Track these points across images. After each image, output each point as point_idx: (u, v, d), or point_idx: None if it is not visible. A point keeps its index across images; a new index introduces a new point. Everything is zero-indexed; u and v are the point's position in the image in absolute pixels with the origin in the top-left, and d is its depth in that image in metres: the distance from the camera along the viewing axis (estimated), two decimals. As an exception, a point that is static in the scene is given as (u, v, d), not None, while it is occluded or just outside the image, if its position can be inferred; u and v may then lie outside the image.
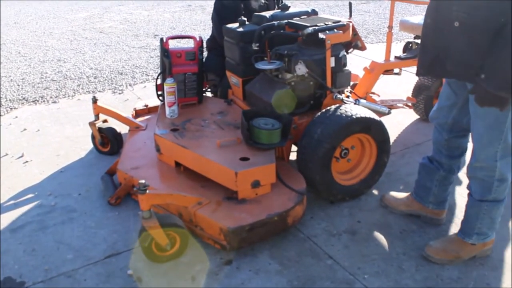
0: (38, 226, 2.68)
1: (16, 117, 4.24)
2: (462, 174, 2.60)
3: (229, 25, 3.10)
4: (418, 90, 3.82)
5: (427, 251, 2.38)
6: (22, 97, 4.71)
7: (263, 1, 3.62)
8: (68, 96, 4.77)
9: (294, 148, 2.92)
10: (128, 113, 3.63)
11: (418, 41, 3.81)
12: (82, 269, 2.34)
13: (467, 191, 2.32)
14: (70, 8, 10.05)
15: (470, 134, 2.22)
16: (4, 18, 8.81)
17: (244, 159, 2.54)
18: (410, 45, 3.88)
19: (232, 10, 3.50)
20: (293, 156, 2.92)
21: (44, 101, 4.63)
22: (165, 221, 2.31)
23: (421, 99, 3.79)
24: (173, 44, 3.41)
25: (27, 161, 3.43)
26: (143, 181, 2.20)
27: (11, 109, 4.43)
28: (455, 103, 2.28)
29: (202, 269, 2.32)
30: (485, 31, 1.84)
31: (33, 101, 4.61)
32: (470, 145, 2.33)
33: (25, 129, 3.98)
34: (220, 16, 3.56)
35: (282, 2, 3.51)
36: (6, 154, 3.53)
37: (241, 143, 2.70)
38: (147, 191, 2.20)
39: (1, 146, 3.66)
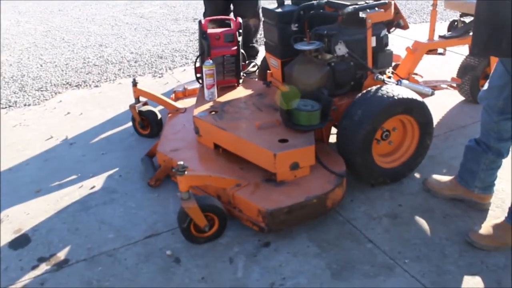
0: (81, 207, 2.75)
1: (61, 101, 4.35)
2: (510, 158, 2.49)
3: (267, 6, 3.06)
4: (463, 70, 3.68)
5: (471, 236, 2.29)
6: (66, 81, 4.82)
7: None
8: (110, 80, 4.85)
9: (334, 130, 2.87)
10: (168, 96, 3.66)
11: (464, 19, 3.66)
12: (123, 249, 2.39)
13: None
14: (111, -6, 10.19)
15: None
16: (49, 5, 9.01)
17: (283, 141, 2.51)
18: (456, 23, 3.73)
19: None
20: (332, 138, 2.87)
21: (86, 85, 4.72)
22: (204, 203, 2.32)
23: (467, 79, 3.64)
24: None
25: (70, 144, 3.52)
26: (181, 163, 2.21)
27: (55, 93, 4.54)
28: (507, 83, 2.16)
29: (240, 250, 2.33)
30: None
31: (76, 86, 4.71)
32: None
33: (68, 113, 4.08)
34: None
35: None
36: (51, 137, 3.63)
37: (280, 125, 2.67)
38: (186, 172, 2.21)
39: (46, 129, 3.77)
